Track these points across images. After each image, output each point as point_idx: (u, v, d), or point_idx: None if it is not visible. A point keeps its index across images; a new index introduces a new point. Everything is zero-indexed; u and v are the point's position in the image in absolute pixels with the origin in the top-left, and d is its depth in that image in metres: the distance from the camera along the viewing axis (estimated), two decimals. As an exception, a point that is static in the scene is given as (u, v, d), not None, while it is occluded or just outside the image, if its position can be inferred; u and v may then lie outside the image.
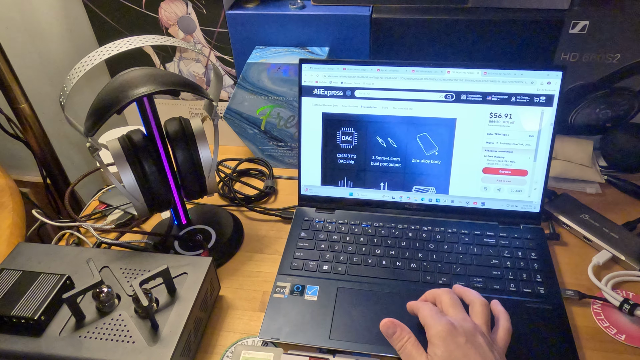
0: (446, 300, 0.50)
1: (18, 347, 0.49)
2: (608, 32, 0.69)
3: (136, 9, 0.80)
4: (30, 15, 0.96)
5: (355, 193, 0.71)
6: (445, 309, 0.49)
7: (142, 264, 0.58)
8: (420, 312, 0.48)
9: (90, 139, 0.54)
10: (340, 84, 0.67)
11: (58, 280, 0.54)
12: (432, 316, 0.47)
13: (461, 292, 0.52)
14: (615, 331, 0.55)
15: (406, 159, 0.68)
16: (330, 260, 0.63)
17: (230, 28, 0.79)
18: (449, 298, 0.50)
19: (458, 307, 0.49)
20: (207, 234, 0.68)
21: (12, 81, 0.89)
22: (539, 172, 0.65)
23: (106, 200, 0.78)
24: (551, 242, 0.67)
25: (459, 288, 0.53)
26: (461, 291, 0.52)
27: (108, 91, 0.53)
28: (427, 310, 0.48)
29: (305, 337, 0.54)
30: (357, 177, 0.70)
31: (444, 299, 0.50)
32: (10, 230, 0.77)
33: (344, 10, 0.75)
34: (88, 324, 0.51)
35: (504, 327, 0.49)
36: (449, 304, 0.49)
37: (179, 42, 0.57)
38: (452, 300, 0.49)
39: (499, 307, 0.52)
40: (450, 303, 0.49)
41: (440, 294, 0.51)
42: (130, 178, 0.57)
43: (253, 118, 0.82)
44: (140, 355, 0.48)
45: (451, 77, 0.64)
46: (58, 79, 1.05)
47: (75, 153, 1.20)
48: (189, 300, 0.53)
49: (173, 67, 0.87)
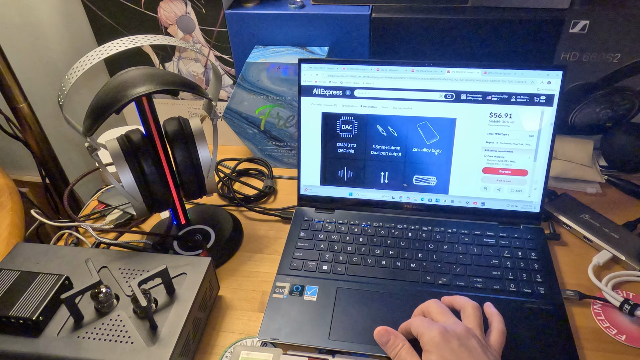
0: (434, 309, 0.50)
1: (16, 347, 0.49)
2: (608, 32, 0.69)
3: (135, 8, 0.80)
4: (29, 15, 0.96)
5: (355, 193, 0.71)
6: (435, 317, 0.49)
7: (141, 264, 0.58)
8: (412, 326, 0.48)
9: (89, 139, 0.54)
10: (340, 83, 0.66)
11: (56, 280, 0.53)
12: (423, 325, 0.47)
13: (450, 300, 0.52)
14: (615, 331, 0.55)
15: (406, 158, 0.68)
16: (329, 260, 0.63)
17: (230, 27, 0.79)
18: (435, 306, 0.50)
19: (447, 314, 0.49)
20: (206, 234, 0.68)
21: (11, 81, 0.89)
22: (539, 172, 0.65)
23: (105, 200, 0.78)
24: (551, 242, 0.67)
25: (446, 298, 0.53)
26: (450, 299, 0.52)
27: (107, 91, 0.52)
28: (418, 321, 0.48)
29: (305, 337, 0.54)
30: (356, 176, 0.70)
31: (432, 308, 0.50)
32: (9, 230, 0.77)
33: (343, 9, 0.75)
34: (86, 324, 0.51)
35: (497, 329, 0.49)
36: (437, 312, 0.49)
37: (178, 42, 0.57)
38: (439, 308, 0.49)
39: (492, 309, 0.52)
40: (438, 311, 0.49)
41: (428, 305, 0.51)
42: (129, 178, 0.56)
43: (252, 118, 0.81)
44: (139, 355, 0.48)
45: (451, 76, 0.64)
46: (57, 78, 1.05)
47: (74, 153, 1.20)
48: (188, 300, 0.53)
49: (172, 67, 0.87)
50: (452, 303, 0.52)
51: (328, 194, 0.71)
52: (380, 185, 0.69)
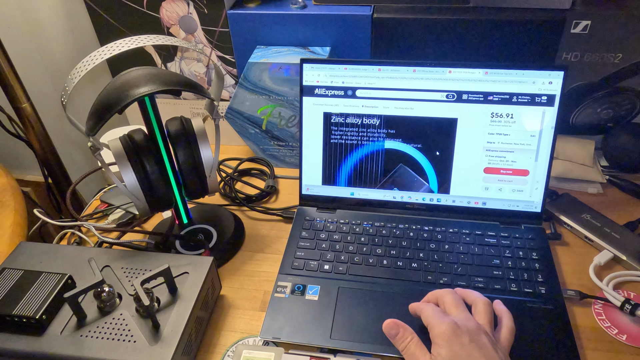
0: (449, 300, 0.50)
1: (19, 346, 0.49)
2: (610, 32, 0.69)
3: (138, 8, 0.80)
4: (32, 15, 0.96)
5: (357, 193, 0.71)
6: (448, 309, 0.49)
7: (143, 263, 0.58)
8: (423, 313, 0.48)
9: (92, 139, 0.55)
10: (342, 83, 0.67)
11: (59, 279, 0.54)
12: (435, 316, 0.47)
13: (463, 293, 0.52)
14: (616, 331, 0.55)
15: (407, 159, 0.68)
16: (331, 259, 0.63)
17: (232, 28, 0.79)
18: (451, 298, 0.50)
19: (461, 307, 0.49)
20: (208, 234, 0.68)
21: (14, 81, 0.89)
22: (540, 172, 0.65)
23: (107, 199, 0.78)
24: (552, 242, 0.67)
25: (460, 290, 0.52)
26: (463, 292, 0.52)
27: (109, 91, 0.53)
28: (430, 311, 0.48)
29: (306, 336, 0.54)
30: (358, 176, 0.70)
31: (447, 299, 0.50)
32: (12, 229, 0.77)
33: (345, 9, 0.75)
34: (89, 323, 0.51)
35: (507, 326, 0.49)
36: (451, 304, 0.49)
37: (180, 42, 0.57)
38: (454, 300, 0.49)
39: (502, 306, 0.52)
40: (453, 303, 0.49)
41: (443, 295, 0.51)
42: (132, 177, 0.57)
43: (254, 118, 0.82)
44: (142, 354, 0.48)
45: (452, 76, 0.64)
46: (60, 78, 1.05)
47: (76, 152, 1.20)
48: (190, 299, 0.53)
49: (174, 67, 0.87)
50: (465, 296, 0.51)
51: (330, 194, 0.71)
52: (381, 185, 0.70)
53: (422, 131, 0.66)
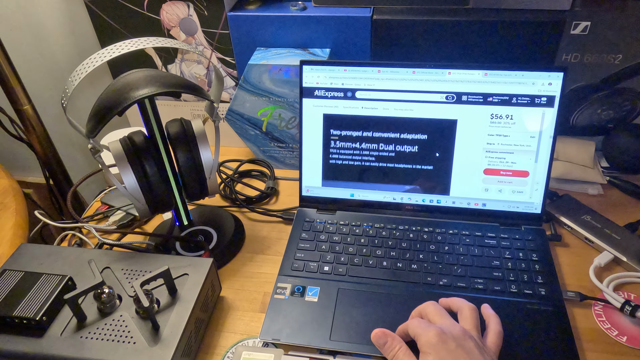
0: (431, 310, 0.50)
1: (20, 347, 0.49)
2: (609, 33, 0.69)
3: (138, 10, 0.81)
4: (33, 18, 0.96)
5: (357, 194, 0.71)
6: (431, 319, 0.49)
7: (143, 264, 0.58)
8: (409, 327, 0.48)
9: (92, 141, 0.55)
10: (341, 85, 0.67)
11: (60, 281, 0.54)
12: (420, 326, 0.47)
13: (447, 302, 0.52)
14: (616, 333, 0.55)
15: (407, 160, 0.68)
16: (331, 261, 0.63)
17: (232, 29, 0.80)
18: (432, 308, 0.50)
19: (444, 315, 0.49)
20: (208, 235, 0.68)
21: (15, 83, 0.89)
22: (540, 173, 0.65)
23: (108, 201, 0.78)
24: (552, 244, 0.67)
25: (444, 299, 0.53)
26: (447, 301, 0.52)
27: (110, 93, 0.53)
28: (415, 322, 0.48)
29: (306, 338, 0.54)
30: (358, 178, 0.70)
31: (429, 310, 0.50)
32: (13, 231, 0.78)
33: (345, 11, 0.75)
34: (89, 324, 0.51)
35: (494, 330, 0.49)
36: (434, 313, 0.49)
37: (181, 44, 0.58)
38: (436, 310, 0.50)
39: (489, 310, 0.52)
40: (435, 312, 0.49)
41: (425, 307, 0.51)
42: (132, 179, 0.57)
43: (254, 119, 0.82)
44: (141, 355, 0.48)
45: (452, 78, 0.64)
46: (61, 80, 1.06)
47: (77, 154, 1.20)
48: (190, 301, 0.53)
49: (175, 69, 0.87)
50: (450, 305, 0.52)
51: (329, 195, 0.71)
52: (381, 186, 0.70)
53: (421, 132, 0.66)
